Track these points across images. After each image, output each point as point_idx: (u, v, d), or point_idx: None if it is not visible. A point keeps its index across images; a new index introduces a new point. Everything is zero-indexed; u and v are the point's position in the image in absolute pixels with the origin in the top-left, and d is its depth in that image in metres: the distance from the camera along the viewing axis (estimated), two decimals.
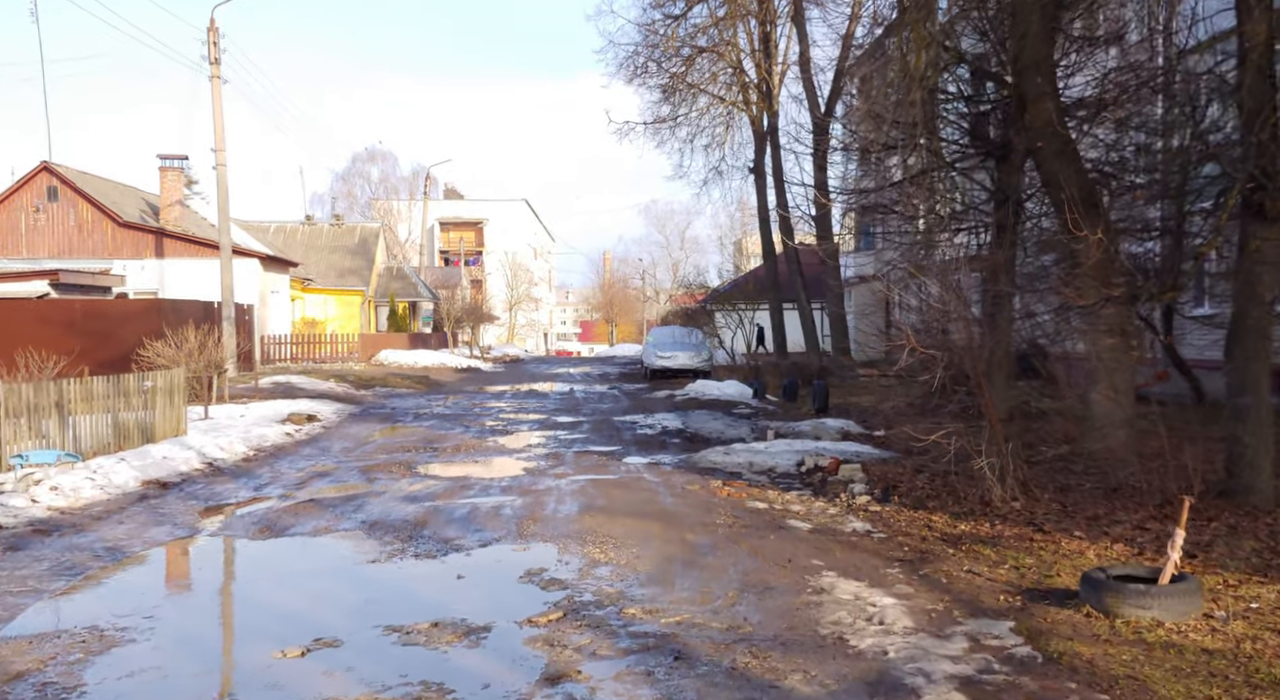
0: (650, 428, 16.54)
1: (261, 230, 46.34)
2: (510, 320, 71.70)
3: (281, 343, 34.80)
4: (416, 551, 7.74)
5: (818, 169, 29.47)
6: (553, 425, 17.21)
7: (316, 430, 16.18)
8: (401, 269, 49.59)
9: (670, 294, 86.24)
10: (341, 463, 12.57)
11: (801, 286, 32.85)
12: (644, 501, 9.74)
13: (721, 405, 19.91)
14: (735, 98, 34.58)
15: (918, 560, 7.24)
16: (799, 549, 7.65)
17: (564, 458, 12.93)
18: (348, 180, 71.89)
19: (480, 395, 24.75)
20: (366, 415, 19.10)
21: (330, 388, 24.71)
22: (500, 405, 21.54)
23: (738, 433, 15.41)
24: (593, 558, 7.45)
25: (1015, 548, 7.52)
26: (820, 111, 29.33)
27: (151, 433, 13.52)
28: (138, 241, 32.74)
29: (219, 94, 27.95)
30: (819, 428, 14.74)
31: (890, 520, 8.72)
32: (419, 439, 15.06)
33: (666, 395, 23.37)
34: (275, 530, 8.58)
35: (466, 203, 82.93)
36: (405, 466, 12.14)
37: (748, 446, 12.78)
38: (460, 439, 15.03)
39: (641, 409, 20.14)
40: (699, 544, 7.88)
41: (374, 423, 17.70)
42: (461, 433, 15.90)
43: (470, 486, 10.60)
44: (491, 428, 16.76)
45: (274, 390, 23.32)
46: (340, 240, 47.19)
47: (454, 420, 17.95)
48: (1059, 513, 8.74)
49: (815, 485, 10.58)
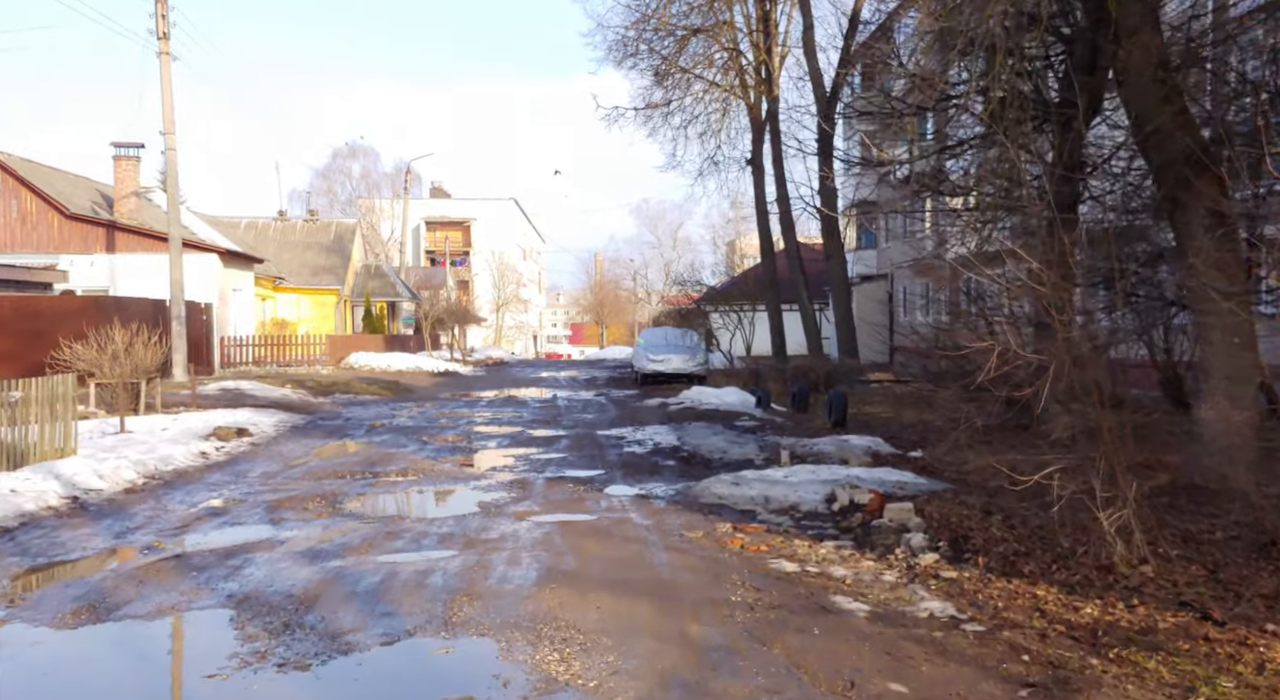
0: (640, 445, 13.90)
1: (232, 226, 43.61)
2: (497, 322, 68.99)
3: (243, 344, 32.05)
4: (285, 655, 5.08)
5: (822, 156, 26.85)
6: (526, 441, 14.55)
7: (241, 448, 13.47)
8: (380, 267, 46.83)
9: (662, 295, 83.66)
10: (250, 494, 9.89)
11: (803, 285, 30.26)
12: (629, 561, 7.08)
13: (721, 416, 17.26)
14: (732, 82, 31.97)
15: (1056, 686, 4.59)
16: (861, 658, 4.99)
17: (532, 487, 10.27)
18: (328, 177, 69.06)
19: (452, 403, 22.06)
20: (312, 428, 16.40)
21: (284, 394, 22.01)
22: (471, 415, 18.86)
23: (744, 452, 12.77)
24: (548, 672, 4.80)
25: (1191, 655, 4.90)
26: (826, 93, 26.72)
27: (23, 454, 10.82)
28: (87, 235, 29.94)
29: (168, 72, 25.23)
30: (842, 448, 12.11)
31: (978, 596, 6.08)
32: (361, 460, 12.39)
33: (659, 404, 20.73)
34: (98, 611, 5.90)
35: (454, 202, 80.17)
36: (328, 501, 9.46)
37: (761, 474, 10.12)
38: (411, 460, 12.36)
39: (630, 420, 17.49)
40: (709, 646, 5.22)
41: (317, 437, 15.01)
42: (415, 451, 13.23)
43: (399, 534, 7.93)
44: (453, 444, 14.08)
45: (219, 398, 20.61)
46: (315, 237, 44.43)
47: (412, 434, 15.27)
48: (1208, 582, 6.13)
49: (856, 532, 7.95)
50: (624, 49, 31.52)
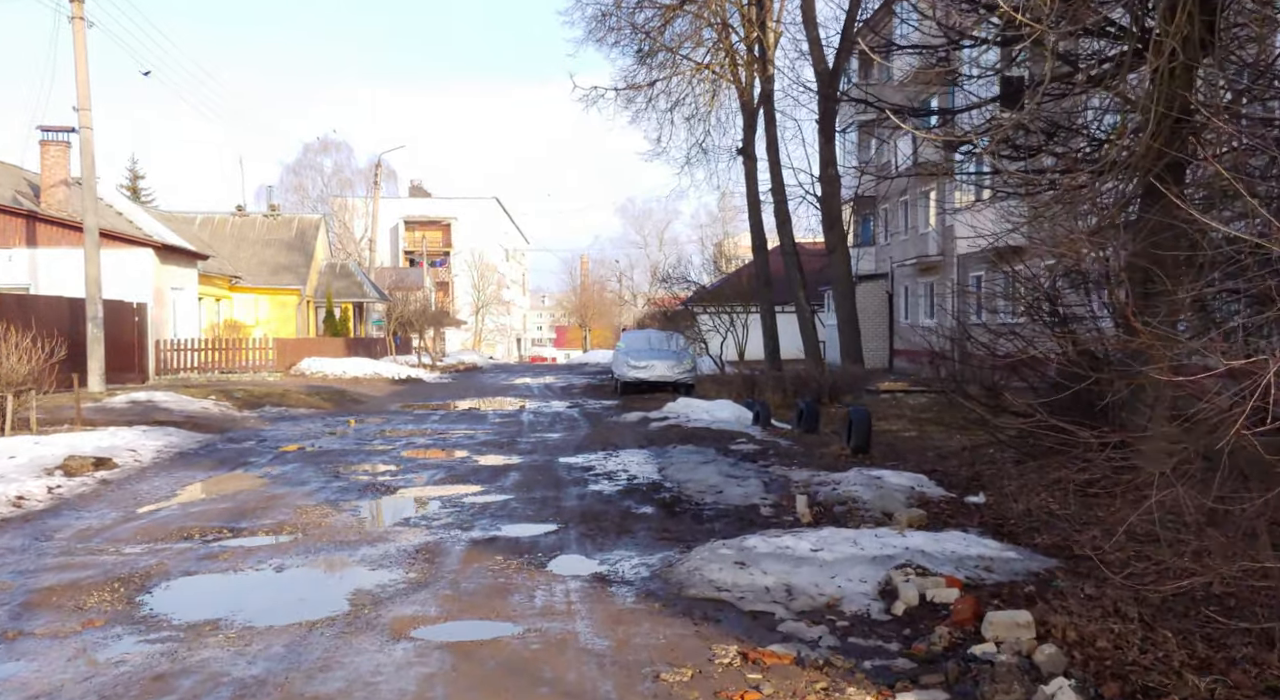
0: (610, 479, 10.65)
1: (186, 222, 40.17)
2: (476, 325, 65.60)
3: (183, 349, 28.63)
4: None
5: (824, 136, 23.64)
6: (467, 473, 11.26)
7: (85, 487, 10.12)
8: (346, 266, 43.38)
9: (648, 297, 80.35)
10: (21, 575, 6.58)
11: (801, 284, 27.06)
12: None
13: (713, 437, 14.01)
14: (722, 63, 28.78)
15: None
16: None
17: (443, 560, 6.98)
18: (298, 173, 65.48)
19: (398, 418, 18.76)
20: (206, 455, 13.07)
21: (203, 408, 18.65)
22: (413, 434, 15.57)
23: (745, 492, 9.52)
24: None
25: None
26: (828, 67, 23.50)
27: None
28: (4, 227, 26.52)
29: (83, 39, 21.88)
30: (879, 490, 8.84)
31: None
32: (232, 508, 9.07)
33: (639, 419, 17.46)
34: None
35: (434, 201, 76.80)
36: (126, 591, 6.15)
37: (777, 543, 6.84)
38: (299, 507, 9.05)
39: (602, 443, 14.22)
40: None
41: (202, 469, 11.68)
42: (314, 491, 9.93)
43: (181, 675, 4.65)
44: (371, 480, 10.78)
45: (124, 413, 17.26)
46: (275, 233, 40.98)
47: (327, 464, 11.98)
48: None
49: (947, 672, 4.68)
50: (604, 24, 28.31)
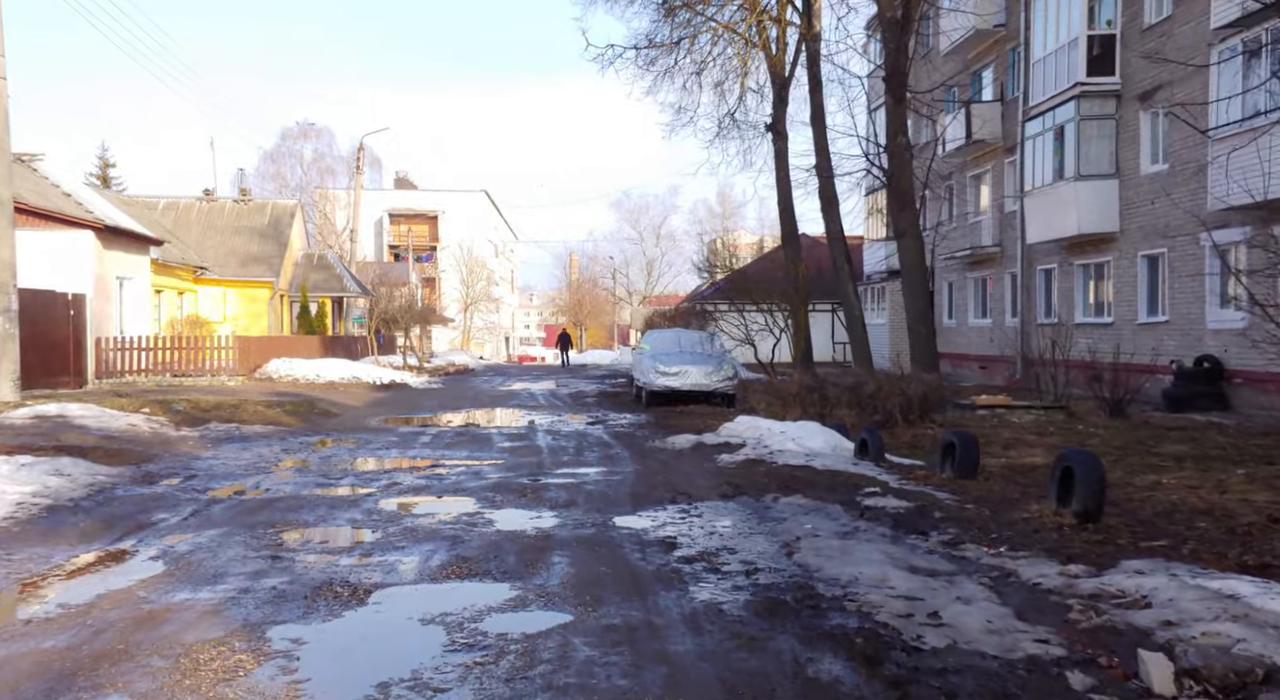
0: (719, 575, 6.33)
1: (148, 206, 35.63)
2: (465, 323, 61.14)
3: (129, 348, 24.14)
4: None
5: (894, 99, 19.35)
6: (479, 557, 6.89)
7: None
8: (324, 258, 38.87)
9: (644, 295, 75.92)
10: None
11: (850, 276, 22.93)
12: None
13: (825, 483, 9.70)
14: (749, 23, 24.63)
15: None
16: None
17: None
18: (276, 160, 60.79)
19: (378, 440, 14.42)
20: (88, 510, 8.61)
21: (129, 425, 14.24)
22: (397, 469, 11.26)
23: (984, 619, 5.25)
24: None
25: None
26: (896, 17, 19.29)
27: None
28: None
29: None
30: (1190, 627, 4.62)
31: None
32: (37, 673, 4.74)
33: (693, 445, 13.21)
34: None
35: (420, 193, 72.24)
36: None
37: None
38: (179, 656, 4.73)
39: (665, 487, 9.91)
40: None
41: (64, 543, 7.25)
42: (219, 608, 5.58)
43: None
44: (320, 577, 6.38)
45: (18, 433, 12.86)
46: (246, 220, 36.43)
47: (262, 533, 7.61)
48: None
49: None
50: None
